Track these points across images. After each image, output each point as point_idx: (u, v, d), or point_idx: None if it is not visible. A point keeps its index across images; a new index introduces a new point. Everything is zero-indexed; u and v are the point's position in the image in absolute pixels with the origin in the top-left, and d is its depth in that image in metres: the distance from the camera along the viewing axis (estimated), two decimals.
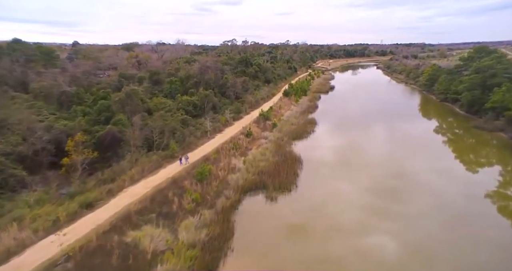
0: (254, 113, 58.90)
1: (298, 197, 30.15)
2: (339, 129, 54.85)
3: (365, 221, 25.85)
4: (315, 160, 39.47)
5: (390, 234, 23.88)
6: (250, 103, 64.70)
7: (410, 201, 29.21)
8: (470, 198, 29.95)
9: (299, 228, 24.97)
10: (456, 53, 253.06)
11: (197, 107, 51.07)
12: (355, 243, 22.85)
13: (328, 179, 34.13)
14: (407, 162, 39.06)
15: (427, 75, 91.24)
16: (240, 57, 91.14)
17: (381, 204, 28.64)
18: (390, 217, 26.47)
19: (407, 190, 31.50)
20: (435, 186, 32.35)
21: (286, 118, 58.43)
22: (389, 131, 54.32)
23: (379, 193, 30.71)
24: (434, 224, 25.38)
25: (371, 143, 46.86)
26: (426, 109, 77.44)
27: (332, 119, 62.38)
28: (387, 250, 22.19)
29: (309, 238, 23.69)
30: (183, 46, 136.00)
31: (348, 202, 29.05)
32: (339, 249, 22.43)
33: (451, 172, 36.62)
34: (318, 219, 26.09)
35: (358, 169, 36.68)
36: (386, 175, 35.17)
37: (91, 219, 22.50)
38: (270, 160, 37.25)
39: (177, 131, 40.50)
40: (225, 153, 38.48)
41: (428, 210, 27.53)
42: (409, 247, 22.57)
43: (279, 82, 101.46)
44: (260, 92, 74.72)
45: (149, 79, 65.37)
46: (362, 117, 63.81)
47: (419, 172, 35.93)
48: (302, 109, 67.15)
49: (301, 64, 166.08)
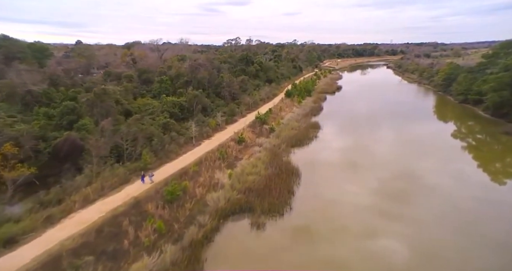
0: (251, 115, 52.79)
1: (292, 224, 23.92)
2: (345, 134, 48.30)
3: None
4: (315, 173, 33.12)
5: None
6: (247, 105, 58.61)
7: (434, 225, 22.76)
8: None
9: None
10: (471, 52, 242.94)
11: (184, 109, 45.21)
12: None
13: (329, 202, 27.64)
14: (428, 177, 32.33)
15: (443, 75, 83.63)
16: (241, 55, 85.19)
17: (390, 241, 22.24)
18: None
19: (422, 205, 24.97)
20: (463, 205, 25.76)
21: (287, 121, 52.12)
22: (402, 136, 47.50)
23: (387, 214, 24.27)
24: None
25: (380, 151, 40.21)
26: (442, 112, 70.10)
27: (338, 123, 55.81)
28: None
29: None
30: (186, 45, 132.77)
31: (353, 240, 22.55)
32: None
33: (476, 183, 29.92)
34: (316, 261, 19.83)
35: (366, 188, 30.14)
36: (400, 196, 28.61)
37: (3, 264, 16.69)
38: (262, 174, 31.07)
39: (156, 137, 34.65)
40: (208, 165, 32.44)
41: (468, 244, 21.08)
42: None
43: (283, 81, 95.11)
44: (260, 93, 68.55)
45: (138, 77, 60.02)
46: (371, 120, 57.05)
47: (442, 185, 29.28)
48: (305, 111, 60.72)
49: (307, 63, 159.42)
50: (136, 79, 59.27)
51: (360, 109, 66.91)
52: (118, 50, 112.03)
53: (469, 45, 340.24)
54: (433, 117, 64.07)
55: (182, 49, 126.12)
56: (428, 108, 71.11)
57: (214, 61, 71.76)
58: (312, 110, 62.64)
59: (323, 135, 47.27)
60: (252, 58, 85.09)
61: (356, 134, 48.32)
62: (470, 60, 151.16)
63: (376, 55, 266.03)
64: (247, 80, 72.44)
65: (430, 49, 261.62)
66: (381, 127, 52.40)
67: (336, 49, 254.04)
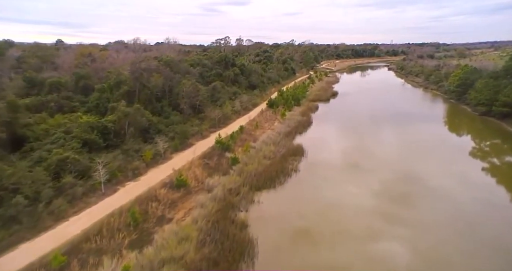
0: (216, 135, 39.98)
1: None
2: (336, 166, 35.45)
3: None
4: (286, 252, 20.38)
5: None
6: (213, 121, 45.78)
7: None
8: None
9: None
10: (478, 52, 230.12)
11: (110, 134, 32.29)
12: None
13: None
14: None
15: (456, 79, 70.80)
16: (218, 56, 72.39)
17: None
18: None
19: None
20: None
21: (260, 144, 39.21)
22: (409, 162, 34.72)
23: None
24: None
25: (385, 207, 27.49)
26: (457, 125, 57.59)
27: (328, 144, 42.99)
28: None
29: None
30: (174, 45, 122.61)
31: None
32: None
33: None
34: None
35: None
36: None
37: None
38: (190, 259, 18.33)
39: (25, 188, 21.59)
40: (97, 245, 19.52)
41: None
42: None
43: (269, 87, 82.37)
44: (236, 103, 55.69)
45: (76, 84, 47.26)
46: (371, 140, 44.37)
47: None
48: (288, 127, 47.83)
49: (302, 65, 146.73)
50: (73, 86, 46.59)
51: (358, 122, 54.21)
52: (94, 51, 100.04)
53: (471, 45, 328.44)
54: (446, 131, 51.75)
55: (167, 49, 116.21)
56: (437, 118, 58.83)
57: (182, 64, 59.05)
58: (298, 125, 49.80)
59: (306, 167, 34.41)
60: (231, 60, 72.33)
61: (351, 159, 35.71)
62: (479, 61, 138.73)
63: (377, 56, 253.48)
64: (222, 87, 59.76)
65: (432, 49, 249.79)
66: (384, 152, 39.63)
67: (334, 49, 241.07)
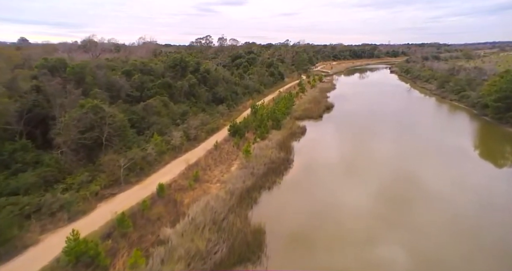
0: (120, 205, 21.32)
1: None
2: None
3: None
4: None
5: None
6: (114, 175, 26.78)
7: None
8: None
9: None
10: (485, 53, 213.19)
11: None
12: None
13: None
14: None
15: (493, 90, 52.57)
16: (172, 61, 53.49)
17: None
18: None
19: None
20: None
21: (177, 238, 20.48)
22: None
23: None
24: None
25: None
26: (498, 157, 39.45)
27: (306, 220, 24.40)
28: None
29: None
30: (149, 44, 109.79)
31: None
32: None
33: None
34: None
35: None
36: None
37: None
38: None
39: None
40: None
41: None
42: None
43: (245, 99, 63.74)
44: (175, 134, 36.48)
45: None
46: (380, 194, 25.96)
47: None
48: (252, 176, 29.02)
49: (294, 68, 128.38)
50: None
51: (359, 157, 35.68)
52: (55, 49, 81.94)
53: (471, 46, 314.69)
54: (485, 165, 33.19)
55: (141, 49, 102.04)
56: (467, 147, 40.17)
57: (100, 71, 40.17)
58: (270, 168, 31.12)
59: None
60: (189, 65, 53.58)
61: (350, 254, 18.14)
62: (491, 63, 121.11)
63: (376, 57, 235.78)
64: (164, 105, 41.02)
65: (433, 50, 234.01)
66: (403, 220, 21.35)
67: (331, 50, 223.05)
